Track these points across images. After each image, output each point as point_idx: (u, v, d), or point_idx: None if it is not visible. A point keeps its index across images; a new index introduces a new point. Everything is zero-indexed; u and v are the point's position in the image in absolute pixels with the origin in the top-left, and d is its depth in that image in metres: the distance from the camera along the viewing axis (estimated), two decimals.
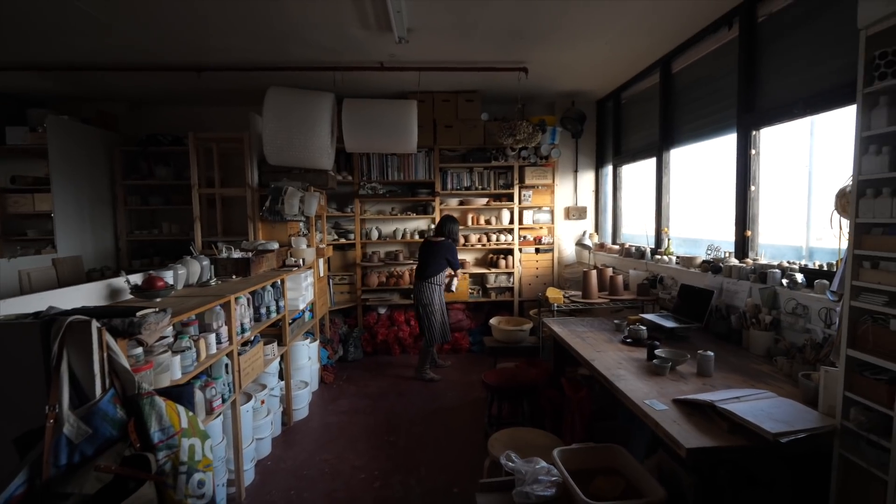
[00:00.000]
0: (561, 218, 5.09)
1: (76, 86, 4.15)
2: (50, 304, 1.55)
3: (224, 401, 2.12)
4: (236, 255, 2.93)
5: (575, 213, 5.13)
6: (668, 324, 2.57)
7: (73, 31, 3.04)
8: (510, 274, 4.91)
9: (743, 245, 2.80)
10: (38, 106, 4.31)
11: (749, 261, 2.65)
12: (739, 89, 2.78)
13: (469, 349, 4.74)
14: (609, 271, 3.54)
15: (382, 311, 4.84)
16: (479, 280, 5.07)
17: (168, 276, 2.30)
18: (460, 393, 3.73)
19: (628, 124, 4.52)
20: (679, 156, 3.68)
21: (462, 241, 4.85)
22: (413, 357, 4.57)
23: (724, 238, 3.07)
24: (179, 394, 1.39)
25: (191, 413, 1.36)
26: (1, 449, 1.19)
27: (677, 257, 3.32)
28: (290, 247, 3.66)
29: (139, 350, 1.57)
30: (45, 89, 4.22)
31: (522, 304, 4.92)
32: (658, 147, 3.77)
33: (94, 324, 1.23)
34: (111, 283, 2.02)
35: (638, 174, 4.41)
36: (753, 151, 2.74)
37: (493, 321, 3.56)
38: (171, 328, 1.98)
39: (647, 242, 3.93)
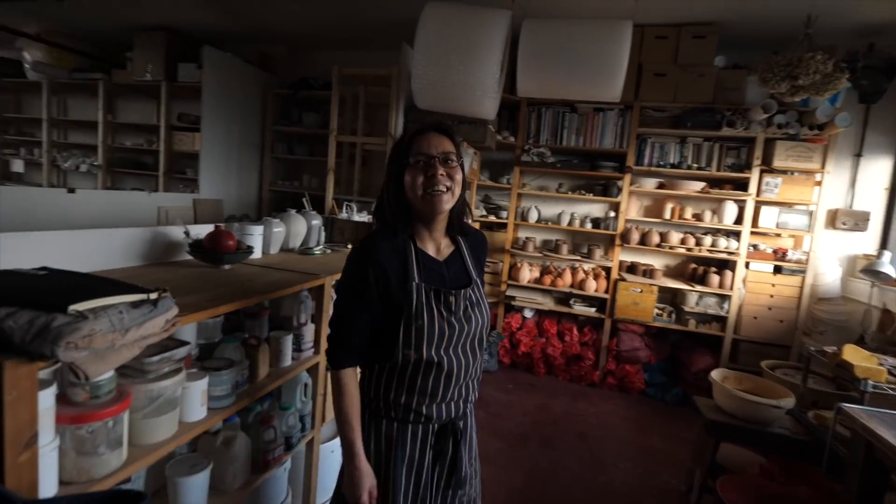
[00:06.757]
0: (822, 224, 3.29)
1: (243, 21, 3.90)
2: (42, 259, 0.85)
3: (291, 445, 1.31)
4: (357, 217, 2.16)
5: (847, 219, 3.27)
6: None
7: None
8: (724, 297, 3.35)
9: None
10: (213, 45, 4.23)
11: None
12: None
13: (643, 391, 3.38)
14: None
15: (529, 314, 3.77)
16: (670, 298, 3.62)
17: (254, 235, 1.58)
18: (636, 465, 2.48)
19: None
20: None
21: (657, 238, 3.46)
22: (562, 382, 3.45)
23: None
24: None
25: None
26: None
27: None
28: None
29: (110, 374, 0.78)
30: (215, 27, 4.08)
31: (738, 346, 3.33)
32: None
33: None
34: (162, 231, 1.34)
35: None
36: None
37: (715, 375, 2.18)
38: (218, 320, 1.22)
39: None
